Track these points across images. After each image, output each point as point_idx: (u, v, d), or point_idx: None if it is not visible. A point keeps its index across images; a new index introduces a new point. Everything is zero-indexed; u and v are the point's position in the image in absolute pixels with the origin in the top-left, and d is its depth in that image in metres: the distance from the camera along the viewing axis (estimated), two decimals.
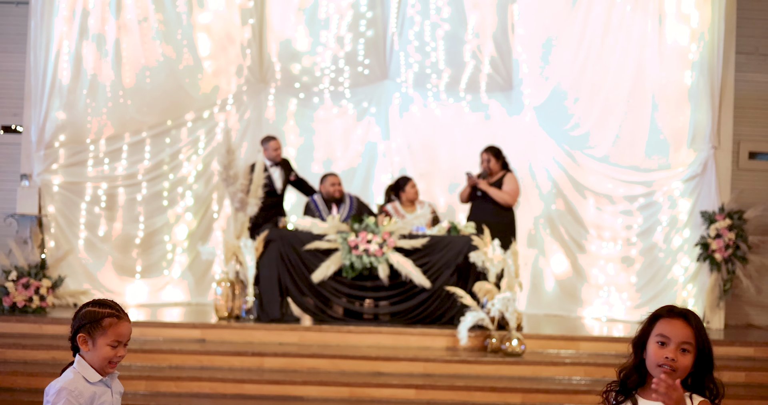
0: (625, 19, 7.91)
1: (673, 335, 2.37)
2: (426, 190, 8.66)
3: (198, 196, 8.42)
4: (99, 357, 2.64)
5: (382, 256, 6.74)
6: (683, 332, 2.38)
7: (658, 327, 2.41)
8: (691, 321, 2.40)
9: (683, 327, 2.39)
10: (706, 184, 7.60)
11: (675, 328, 2.38)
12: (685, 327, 2.39)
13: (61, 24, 7.55)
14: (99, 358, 2.65)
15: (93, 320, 2.64)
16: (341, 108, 9.23)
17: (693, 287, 7.60)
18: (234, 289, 6.90)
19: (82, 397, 2.60)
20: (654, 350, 2.40)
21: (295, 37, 8.81)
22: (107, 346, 2.64)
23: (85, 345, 2.65)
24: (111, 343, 2.65)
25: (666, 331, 2.39)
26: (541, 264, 8.59)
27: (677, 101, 7.76)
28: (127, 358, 6.05)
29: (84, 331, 2.64)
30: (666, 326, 2.40)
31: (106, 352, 2.64)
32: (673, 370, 2.35)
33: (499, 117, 9.15)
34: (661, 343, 2.39)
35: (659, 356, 2.37)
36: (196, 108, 8.38)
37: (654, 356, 2.39)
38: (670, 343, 2.37)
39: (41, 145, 7.59)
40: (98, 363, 2.65)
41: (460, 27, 8.73)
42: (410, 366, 6.11)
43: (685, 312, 2.42)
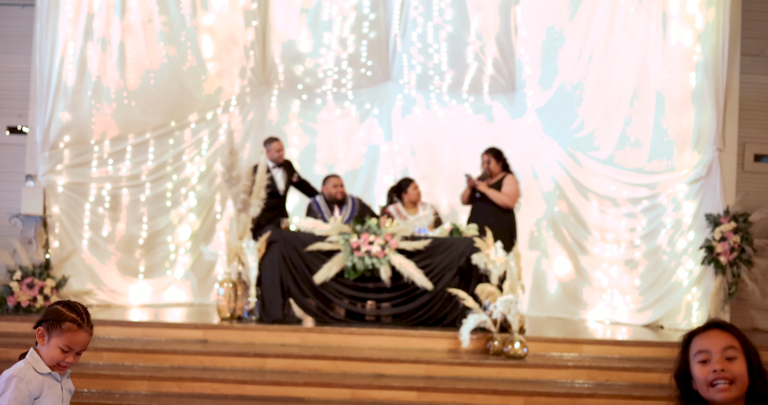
0: (628, 21, 7.89)
1: (712, 345, 2.15)
2: (428, 191, 8.65)
3: (201, 197, 8.45)
4: (48, 355, 2.71)
5: (384, 258, 6.73)
6: (721, 338, 2.15)
7: (694, 345, 2.18)
8: (726, 326, 2.19)
9: (719, 334, 2.16)
10: (711, 187, 7.55)
11: (711, 338, 2.16)
12: (722, 333, 2.17)
13: (66, 26, 7.58)
14: (48, 356, 2.71)
15: (56, 319, 2.72)
16: (344, 109, 9.24)
17: (697, 290, 7.56)
18: (236, 289, 6.90)
19: (31, 384, 2.66)
20: (699, 371, 2.14)
21: (298, 38, 8.83)
22: (58, 348, 2.70)
23: (41, 339, 2.72)
24: (62, 347, 2.70)
25: (703, 345, 2.15)
26: (543, 266, 8.57)
27: (681, 103, 7.73)
28: (130, 358, 6.09)
29: (44, 325, 2.71)
30: (701, 340, 2.17)
31: (55, 354, 2.70)
32: (730, 383, 2.09)
33: (501, 119, 9.15)
34: (702, 361, 2.14)
35: (706, 374, 2.12)
36: (199, 109, 8.41)
37: (701, 376, 2.14)
38: (713, 355, 2.13)
39: (46, 146, 7.62)
40: (47, 360, 2.71)
41: (463, 29, 8.72)
42: (412, 368, 6.11)
43: (717, 320, 2.23)
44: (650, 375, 6.17)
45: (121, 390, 5.77)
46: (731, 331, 2.17)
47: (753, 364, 2.12)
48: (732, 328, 2.19)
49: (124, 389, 5.79)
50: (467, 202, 7.78)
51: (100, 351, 6.15)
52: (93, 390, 5.76)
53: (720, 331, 2.18)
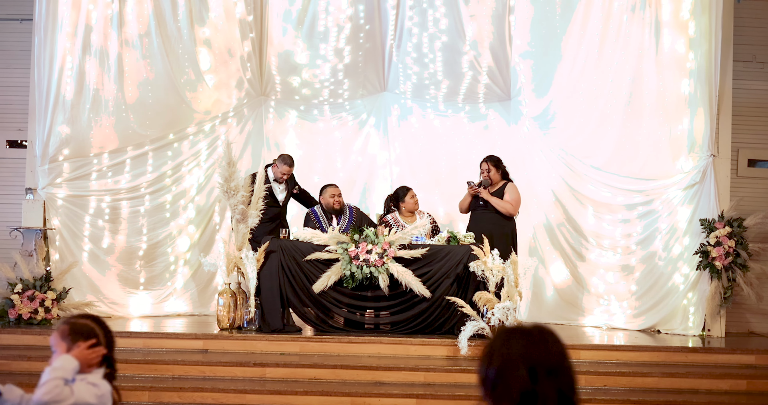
0: (622, 29, 7.97)
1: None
2: (425, 200, 8.69)
3: (200, 208, 8.50)
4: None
5: (383, 266, 6.78)
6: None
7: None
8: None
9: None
10: (706, 192, 7.60)
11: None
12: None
13: (65, 40, 7.65)
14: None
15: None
16: (341, 120, 9.31)
17: (693, 295, 7.60)
18: (236, 300, 6.94)
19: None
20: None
21: (295, 50, 8.89)
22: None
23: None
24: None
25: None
26: (540, 273, 8.61)
27: (675, 109, 7.80)
28: (130, 368, 6.13)
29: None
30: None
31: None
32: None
33: (497, 127, 9.21)
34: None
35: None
36: (197, 121, 8.47)
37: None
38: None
39: (45, 159, 7.68)
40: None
41: (457, 38, 8.80)
42: (411, 375, 6.14)
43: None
44: (647, 379, 6.22)
45: (122, 400, 5.79)
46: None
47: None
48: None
49: (126, 400, 5.80)
50: (466, 210, 7.82)
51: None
52: None
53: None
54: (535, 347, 1.86)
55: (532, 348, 1.86)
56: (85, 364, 2.80)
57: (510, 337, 1.89)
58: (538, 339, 1.88)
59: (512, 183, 7.70)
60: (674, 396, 6.01)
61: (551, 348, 1.88)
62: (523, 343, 1.87)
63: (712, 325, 7.49)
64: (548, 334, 1.90)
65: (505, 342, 1.89)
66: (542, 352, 1.86)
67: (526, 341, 1.87)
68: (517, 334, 1.90)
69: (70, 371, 2.75)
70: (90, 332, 2.83)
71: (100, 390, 2.79)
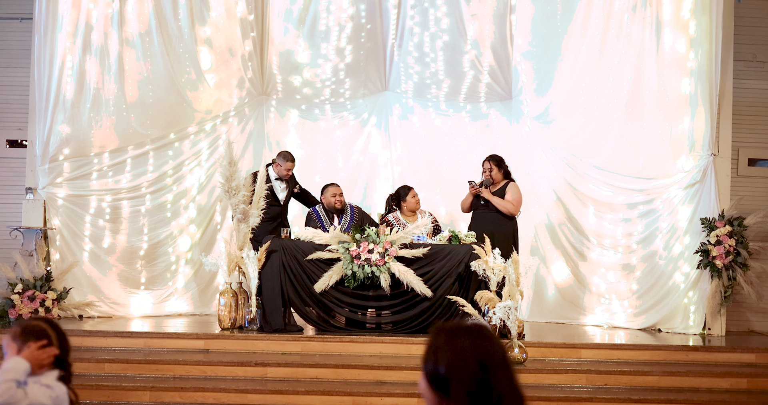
0: (623, 28, 7.98)
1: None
2: (427, 199, 8.69)
3: (201, 208, 8.50)
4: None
5: (384, 266, 6.78)
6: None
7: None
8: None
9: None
10: (706, 191, 7.61)
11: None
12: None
13: (65, 39, 7.65)
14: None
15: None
16: (342, 119, 9.31)
17: (694, 294, 7.61)
18: (237, 299, 6.94)
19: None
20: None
21: (296, 49, 8.89)
22: None
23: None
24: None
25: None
26: (542, 272, 8.61)
27: (676, 109, 7.80)
28: (132, 368, 6.13)
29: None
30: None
31: None
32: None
33: (499, 126, 9.22)
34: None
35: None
36: (198, 121, 8.46)
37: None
38: None
39: (46, 159, 7.67)
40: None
41: (459, 37, 8.80)
42: (413, 375, 6.14)
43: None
44: (648, 378, 6.23)
45: (123, 400, 5.80)
46: None
47: None
48: None
49: (127, 400, 5.82)
50: (468, 210, 7.82)
51: (102, 362, 6.19)
52: (95, 401, 5.79)
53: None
54: (480, 341, 1.91)
55: (479, 343, 1.91)
56: (36, 365, 2.77)
57: (454, 335, 1.93)
58: (481, 334, 1.93)
59: (514, 183, 7.70)
60: (675, 394, 6.02)
61: (494, 342, 1.93)
62: (469, 339, 1.91)
63: (712, 323, 7.50)
64: (487, 330, 1.96)
65: (448, 339, 1.92)
66: (489, 346, 1.91)
67: (471, 337, 1.91)
68: (461, 331, 1.94)
69: (22, 373, 2.72)
70: (41, 333, 2.81)
71: (54, 391, 2.76)
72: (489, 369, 1.88)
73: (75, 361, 6.32)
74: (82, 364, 6.16)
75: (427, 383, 1.93)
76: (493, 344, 1.92)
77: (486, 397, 1.86)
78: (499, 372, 1.89)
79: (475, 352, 1.89)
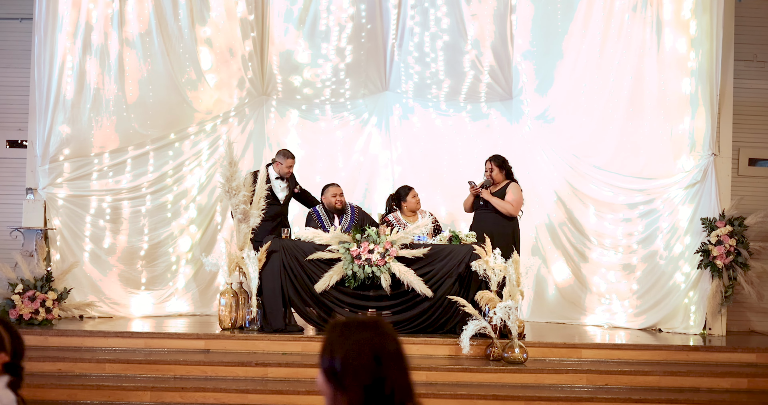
0: (623, 28, 7.98)
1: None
2: (427, 199, 8.69)
3: (201, 208, 8.50)
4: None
5: (384, 266, 6.78)
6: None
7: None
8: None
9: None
10: (707, 191, 7.61)
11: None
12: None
13: (65, 39, 7.64)
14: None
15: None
16: (342, 119, 9.31)
17: (694, 294, 7.61)
18: (237, 299, 6.94)
19: None
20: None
21: (296, 49, 8.89)
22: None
23: None
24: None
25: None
26: (542, 272, 8.61)
27: (677, 109, 7.81)
28: (132, 368, 6.14)
29: None
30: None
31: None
32: None
33: (499, 126, 9.21)
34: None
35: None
36: (198, 121, 8.46)
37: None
38: None
39: (46, 159, 7.67)
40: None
41: (459, 37, 8.80)
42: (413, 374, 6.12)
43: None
44: (649, 378, 6.23)
45: (124, 400, 5.81)
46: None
47: None
48: None
49: (127, 400, 5.82)
50: (470, 210, 7.82)
51: (103, 362, 6.19)
52: (96, 401, 5.80)
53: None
54: (374, 335, 1.94)
55: (374, 337, 1.94)
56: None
57: (348, 329, 1.96)
58: (376, 328, 1.96)
59: (514, 183, 7.68)
60: (675, 394, 6.03)
61: (389, 336, 1.96)
62: (364, 333, 1.95)
63: (713, 323, 7.50)
64: (383, 324, 1.99)
65: (343, 334, 1.95)
66: (383, 340, 1.94)
67: (366, 331, 1.95)
68: (356, 326, 1.97)
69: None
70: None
71: (1, 401, 2.68)
72: (383, 362, 1.91)
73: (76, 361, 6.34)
74: (83, 365, 6.17)
75: (324, 378, 1.95)
76: (388, 338, 1.95)
77: (380, 390, 1.89)
78: (393, 365, 1.92)
79: (370, 345, 1.92)
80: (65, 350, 6.45)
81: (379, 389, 1.90)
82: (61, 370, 6.13)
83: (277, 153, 7.90)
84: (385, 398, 1.90)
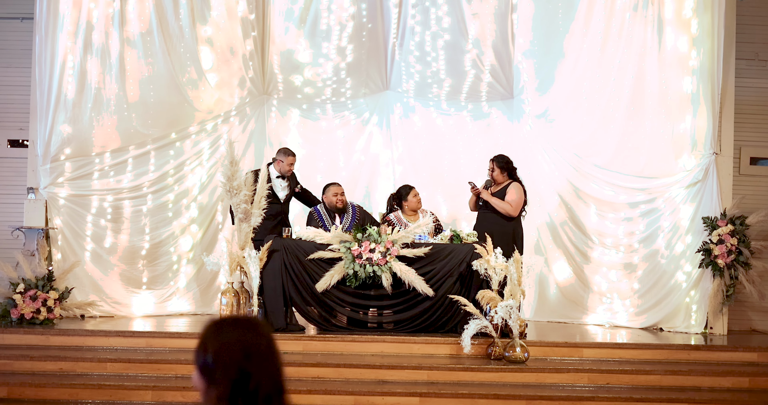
0: (624, 27, 7.98)
1: None
2: (428, 199, 8.70)
3: (203, 208, 8.50)
4: None
5: (386, 265, 6.78)
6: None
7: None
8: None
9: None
10: (708, 190, 7.61)
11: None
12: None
13: (66, 39, 7.65)
14: None
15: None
16: (343, 118, 9.31)
17: (696, 293, 7.61)
18: (239, 299, 6.93)
19: None
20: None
21: (297, 48, 8.88)
22: None
23: None
24: None
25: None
26: (544, 271, 8.62)
27: (678, 108, 7.80)
28: (134, 368, 6.14)
29: None
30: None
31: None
32: None
33: (500, 125, 9.21)
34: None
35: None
36: (199, 120, 8.46)
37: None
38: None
39: (47, 159, 7.67)
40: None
41: (460, 36, 8.80)
42: (414, 374, 6.15)
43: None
44: (650, 377, 6.23)
45: (125, 400, 5.81)
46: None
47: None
48: None
49: (129, 399, 5.82)
50: (474, 209, 7.83)
51: (104, 362, 6.20)
52: (97, 400, 5.80)
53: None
54: (246, 333, 2.03)
55: (244, 333, 2.03)
56: None
57: (221, 326, 2.04)
58: (248, 326, 2.06)
59: (515, 183, 7.65)
60: (677, 394, 6.02)
61: (261, 333, 2.05)
62: (235, 330, 2.04)
63: (714, 322, 7.50)
64: (256, 323, 2.08)
65: (216, 331, 2.04)
66: (254, 337, 2.03)
67: (238, 328, 2.04)
68: (228, 323, 2.06)
69: None
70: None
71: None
72: (252, 359, 1.99)
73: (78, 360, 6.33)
74: (85, 364, 6.17)
75: (198, 373, 2.04)
76: (260, 336, 2.04)
77: (245, 384, 1.98)
78: (262, 362, 2.01)
79: (241, 342, 2.00)
80: (67, 349, 6.45)
81: (246, 384, 1.99)
82: (62, 370, 6.13)
83: (277, 151, 7.91)
84: (249, 393, 1.98)
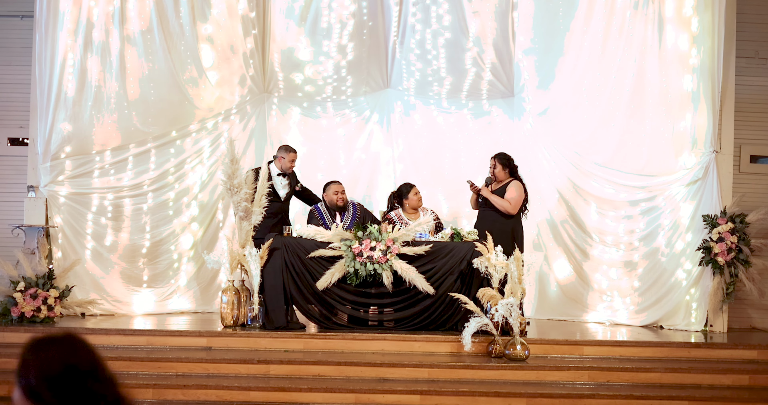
0: (625, 25, 7.98)
1: None
2: (429, 197, 8.70)
3: (203, 206, 8.50)
4: None
5: (386, 263, 6.79)
6: None
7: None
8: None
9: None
10: (708, 188, 7.62)
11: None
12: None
13: (66, 37, 7.64)
14: None
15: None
16: (344, 116, 9.31)
17: (696, 291, 7.62)
18: (239, 297, 6.94)
19: None
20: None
21: (298, 46, 8.88)
22: None
23: None
24: None
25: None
26: (544, 269, 8.63)
27: (678, 106, 7.80)
28: (134, 366, 6.14)
29: None
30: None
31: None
32: None
33: (501, 123, 9.22)
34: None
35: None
36: (200, 118, 8.46)
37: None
38: None
39: (47, 157, 7.67)
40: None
41: (461, 35, 8.80)
42: (415, 372, 6.16)
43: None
44: (650, 375, 6.24)
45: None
46: None
47: None
48: None
49: None
50: (476, 207, 7.83)
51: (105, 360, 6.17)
52: None
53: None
54: (67, 349, 2.04)
55: (66, 350, 2.03)
56: None
57: (39, 345, 2.04)
58: (65, 342, 2.06)
59: (516, 181, 7.66)
60: (677, 391, 6.03)
61: (81, 347, 2.06)
62: (55, 348, 2.03)
63: (714, 320, 7.51)
64: (74, 337, 2.09)
65: (35, 350, 2.03)
66: (75, 352, 2.04)
67: (56, 345, 2.04)
68: (46, 342, 2.05)
69: None
70: None
71: None
72: (76, 373, 2.01)
73: None
74: None
75: (23, 396, 2.02)
76: (79, 349, 2.04)
77: (75, 398, 2.00)
78: (86, 375, 2.02)
79: (61, 358, 2.01)
80: None
81: (74, 397, 2.00)
82: None
83: (278, 148, 7.92)
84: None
